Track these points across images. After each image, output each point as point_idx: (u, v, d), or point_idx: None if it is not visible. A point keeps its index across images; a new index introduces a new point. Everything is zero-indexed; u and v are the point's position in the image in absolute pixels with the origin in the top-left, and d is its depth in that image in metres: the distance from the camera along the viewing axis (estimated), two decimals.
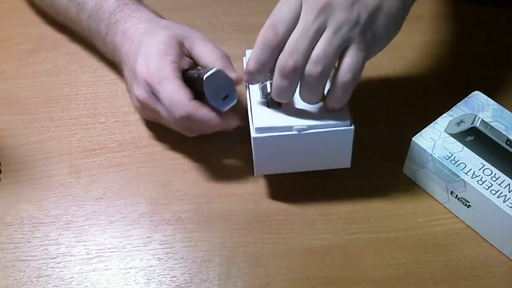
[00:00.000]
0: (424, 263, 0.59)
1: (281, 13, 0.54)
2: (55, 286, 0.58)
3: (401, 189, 0.65)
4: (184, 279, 0.59)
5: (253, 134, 0.58)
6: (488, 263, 0.59)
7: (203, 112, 0.60)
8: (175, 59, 0.62)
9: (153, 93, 0.62)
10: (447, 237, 0.61)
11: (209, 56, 0.63)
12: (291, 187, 0.65)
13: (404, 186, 0.65)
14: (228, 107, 0.60)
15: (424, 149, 0.61)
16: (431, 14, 0.82)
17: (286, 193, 0.64)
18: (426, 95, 0.72)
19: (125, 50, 0.66)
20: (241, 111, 0.62)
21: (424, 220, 0.62)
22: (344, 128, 0.58)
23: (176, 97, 0.59)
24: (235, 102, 0.60)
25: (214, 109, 0.60)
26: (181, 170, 0.67)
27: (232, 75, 0.60)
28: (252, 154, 0.60)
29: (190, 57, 0.64)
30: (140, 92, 0.63)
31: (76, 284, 0.58)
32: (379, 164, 0.66)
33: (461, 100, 0.65)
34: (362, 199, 0.64)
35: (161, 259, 0.60)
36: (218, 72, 0.59)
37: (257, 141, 0.58)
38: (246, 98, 0.62)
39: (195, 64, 0.64)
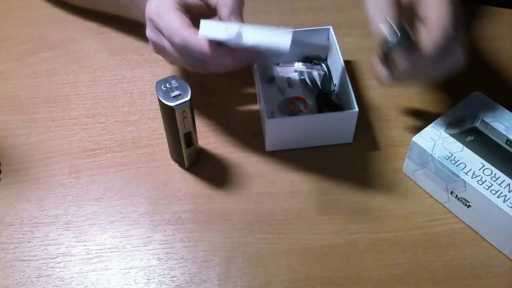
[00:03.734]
0: (424, 263, 0.59)
1: None
2: (55, 286, 0.58)
3: (401, 189, 0.65)
4: (184, 279, 0.59)
5: (266, 118, 0.64)
6: (488, 263, 0.59)
7: (197, 39, 0.58)
8: None
9: (157, 29, 0.62)
10: (447, 237, 0.61)
11: None
12: (291, 187, 0.65)
13: (404, 186, 0.65)
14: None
15: (424, 149, 0.61)
16: None
17: (286, 193, 0.64)
18: (426, 95, 0.72)
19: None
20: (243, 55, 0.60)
21: (424, 220, 0.62)
22: (351, 111, 0.65)
23: (171, 25, 0.60)
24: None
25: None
26: (181, 170, 0.67)
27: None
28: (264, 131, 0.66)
29: None
30: (148, 32, 0.64)
31: (76, 284, 0.58)
32: (379, 164, 0.66)
33: (461, 100, 0.65)
34: (362, 199, 0.64)
35: (161, 259, 0.60)
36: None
37: (269, 123, 0.64)
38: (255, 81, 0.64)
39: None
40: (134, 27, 0.71)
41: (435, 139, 0.61)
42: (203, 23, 0.57)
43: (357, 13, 0.82)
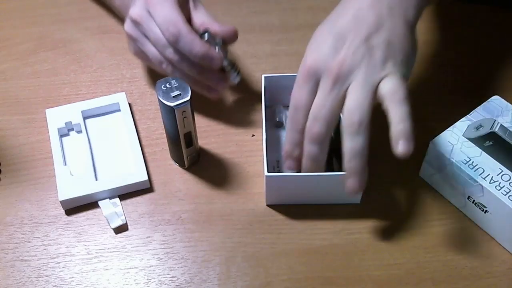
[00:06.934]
0: (424, 263, 0.59)
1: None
2: (55, 286, 0.58)
3: (401, 189, 0.65)
4: (184, 279, 0.59)
5: (265, 173, 0.59)
6: (488, 263, 0.59)
7: (194, 36, 0.61)
8: None
9: (149, 12, 0.62)
10: (447, 237, 0.61)
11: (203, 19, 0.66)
12: None
13: (404, 187, 0.65)
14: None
15: (442, 153, 0.60)
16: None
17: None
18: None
19: None
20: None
21: (425, 220, 0.62)
22: None
23: (170, 15, 0.61)
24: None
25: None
26: (181, 170, 0.67)
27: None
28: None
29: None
30: (135, 10, 0.63)
31: (76, 284, 0.58)
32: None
33: (480, 104, 0.64)
34: (362, 199, 0.63)
35: (161, 259, 0.60)
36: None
37: (268, 179, 0.60)
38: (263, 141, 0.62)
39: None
40: None
41: (454, 143, 0.60)
42: None
43: None
